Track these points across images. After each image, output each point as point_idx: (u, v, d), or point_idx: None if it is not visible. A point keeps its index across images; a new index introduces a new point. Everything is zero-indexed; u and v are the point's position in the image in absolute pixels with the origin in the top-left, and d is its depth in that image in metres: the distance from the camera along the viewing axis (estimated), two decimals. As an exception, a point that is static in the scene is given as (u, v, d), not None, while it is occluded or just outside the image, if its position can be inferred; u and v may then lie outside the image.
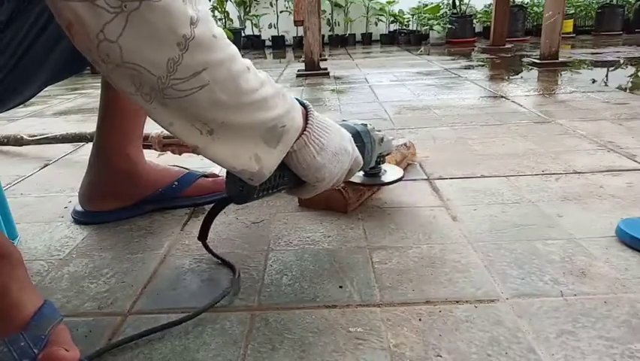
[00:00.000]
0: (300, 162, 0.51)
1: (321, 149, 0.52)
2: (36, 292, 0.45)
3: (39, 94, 0.65)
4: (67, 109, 1.82)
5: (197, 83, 0.39)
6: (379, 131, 0.73)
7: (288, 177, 0.54)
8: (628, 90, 1.74)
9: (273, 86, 0.46)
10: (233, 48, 0.41)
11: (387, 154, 0.77)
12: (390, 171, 0.80)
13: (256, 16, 4.96)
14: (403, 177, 0.79)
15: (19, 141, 1.22)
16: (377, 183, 0.79)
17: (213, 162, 0.46)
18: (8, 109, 0.63)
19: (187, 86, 0.38)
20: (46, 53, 0.56)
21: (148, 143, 0.96)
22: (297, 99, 0.53)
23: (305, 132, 0.51)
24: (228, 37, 0.42)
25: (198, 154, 0.45)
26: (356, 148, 0.61)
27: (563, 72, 2.23)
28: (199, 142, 0.43)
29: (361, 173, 0.79)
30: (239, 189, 0.51)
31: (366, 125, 0.68)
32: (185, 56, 0.37)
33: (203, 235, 0.61)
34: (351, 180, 0.78)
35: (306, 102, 0.54)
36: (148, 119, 0.90)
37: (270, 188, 0.53)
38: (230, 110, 0.42)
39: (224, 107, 0.41)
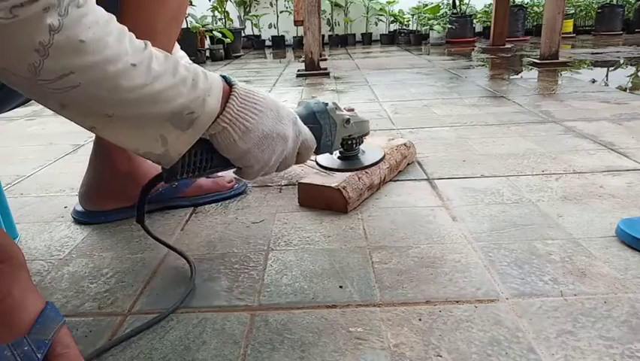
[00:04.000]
0: (221, 146, 0.50)
1: (243, 133, 0.50)
2: (39, 294, 0.45)
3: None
4: (67, 109, 1.81)
5: (68, 84, 0.39)
6: (351, 110, 0.68)
7: (217, 160, 0.53)
8: (628, 90, 1.74)
9: (175, 75, 0.45)
10: (114, 49, 0.41)
11: (363, 135, 0.71)
12: (370, 153, 0.73)
13: (256, 16, 4.96)
14: (382, 158, 0.74)
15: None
16: (351, 168, 0.73)
17: (115, 142, 0.45)
18: (11, 109, 0.63)
19: (57, 85, 0.39)
20: None
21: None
22: (224, 78, 0.51)
23: (222, 116, 0.49)
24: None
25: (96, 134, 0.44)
26: (304, 131, 0.58)
27: (562, 72, 2.23)
28: (96, 123, 0.43)
29: (336, 156, 0.73)
30: (164, 168, 0.51)
31: (327, 104, 0.64)
32: (46, 61, 0.38)
33: (140, 217, 0.57)
34: (323, 164, 0.73)
35: (234, 81, 0.52)
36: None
37: (197, 169, 0.52)
38: (116, 105, 0.42)
39: (108, 103, 0.42)
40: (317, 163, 0.74)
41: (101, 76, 0.40)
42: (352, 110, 0.69)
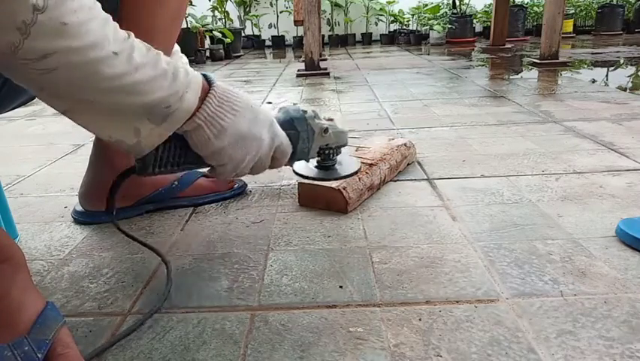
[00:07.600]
0: (195, 143, 0.51)
1: (219, 132, 0.51)
2: (39, 294, 0.45)
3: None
4: (67, 109, 1.81)
5: (47, 65, 0.39)
6: (331, 120, 0.70)
7: (191, 157, 0.53)
8: (628, 90, 1.74)
9: (156, 68, 0.45)
10: (97, 35, 0.40)
11: (341, 146, 0.73)
12: (346, 164, 0.76)
13: (256, 16, 4.97)
14: (359, 170, 0.75)
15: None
16: (326, 178, 0.75)
17: (86, 129, 0.46)
18: (11, 109, 0.63)
19: (38, 66, 0.39)
20: None
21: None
22: (205, 76, 0.51)
23: (197, 113, 0.49)
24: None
25: (69, 118, 0.44)
26: (281, 135, 0.59)
27: (562, 72, 2.23)
28: (69, 107, 0.43)
29: (312, 165, 0.75)
30: (137, 161, 0.52)
31: (305, 112, 0.65)
32: (26, 41, 0.37)
33: (111, 210, 0.57)
34: (299, 172, 0.75)
35: (213, 80, 0.52)
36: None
37: (169, 164, 0.53)
38: (95, 91, 0.42)
39: (85, 89, 0.42)
40: (293, 170, 0.76)
41: (81, 60, 0.40)
42: (332, 120, 0.71)
